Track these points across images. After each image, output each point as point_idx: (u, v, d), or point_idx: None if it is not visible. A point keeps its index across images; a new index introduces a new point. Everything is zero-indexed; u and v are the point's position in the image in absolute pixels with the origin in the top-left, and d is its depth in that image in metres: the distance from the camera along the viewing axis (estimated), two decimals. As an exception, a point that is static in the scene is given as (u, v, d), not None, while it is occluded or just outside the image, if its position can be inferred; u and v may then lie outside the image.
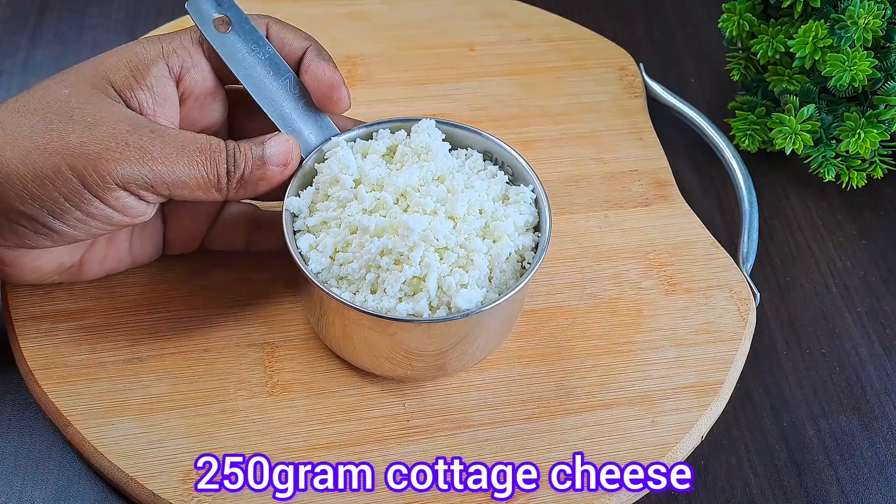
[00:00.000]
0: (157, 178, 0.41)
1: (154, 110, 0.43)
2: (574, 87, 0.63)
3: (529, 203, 0.47)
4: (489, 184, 0.47)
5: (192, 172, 0.42)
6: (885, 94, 0.55)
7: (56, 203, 0.40)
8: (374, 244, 0.43)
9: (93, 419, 0.45)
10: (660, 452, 0.47)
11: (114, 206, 0.41)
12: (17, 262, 0.43)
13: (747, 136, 0.60)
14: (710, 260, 0.55)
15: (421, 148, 0.47)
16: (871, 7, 0.53)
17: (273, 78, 0.46)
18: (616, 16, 0.72)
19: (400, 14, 0.67)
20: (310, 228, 0.45)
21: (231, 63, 0.45)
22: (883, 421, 0.51)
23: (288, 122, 0.46)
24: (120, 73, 0.43)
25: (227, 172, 0.43)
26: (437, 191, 0.45)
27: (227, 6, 0.45)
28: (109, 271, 0.48)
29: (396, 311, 0.43)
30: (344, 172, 0.45)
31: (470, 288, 0.43)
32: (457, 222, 0.45)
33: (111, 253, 0.47)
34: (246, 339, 0.49)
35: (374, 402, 0.48)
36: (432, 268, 0.43)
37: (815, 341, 0.54)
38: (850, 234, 0.59)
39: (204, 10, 0.44)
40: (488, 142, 0.49)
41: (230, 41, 0.45)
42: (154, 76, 0.43)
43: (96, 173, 0.40)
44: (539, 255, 0.45)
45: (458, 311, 0.43)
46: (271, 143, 0.44)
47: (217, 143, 0.43)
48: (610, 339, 0.51)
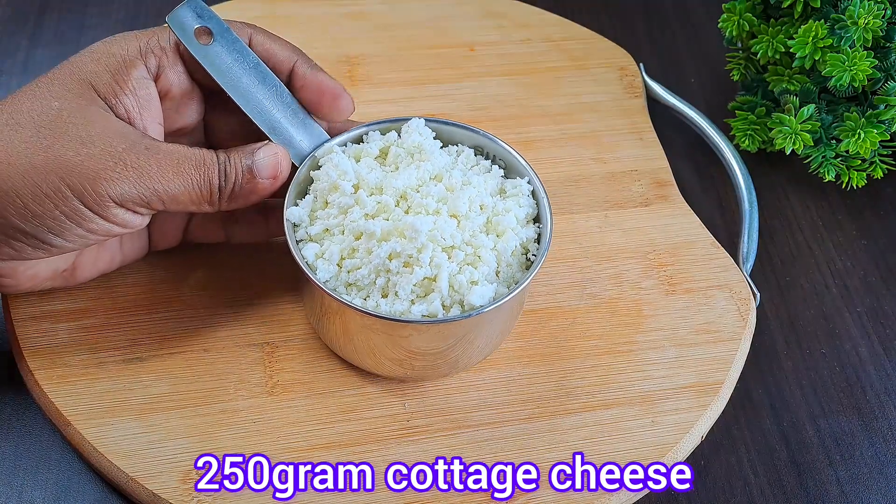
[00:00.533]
0: (153, 195, 0.42)
1: (140, 114, 0.44)
2: (574, 87, 0.63)
3: (527, 195, 0.47)
4: (485, 178, 0.47)
5: (187, 188, 0.42)
6: (885, 94, 0.55)
7: (56, 221, 0.41)
8: (381, 248, 0.43)
9: (93, 419, 0.45)
10: (660, 452, 0.47)
11: (113, 222, 0.42)
12: (13, 273, 0.44)
13: (747, 136, 0.60)
14: (710, 260, 0.55)
15: (413, 147, 0.47)
16: (871, 7, 0.53)
17: (260, 87, 0.45)
18: (616, 16, 0.72)
19: (400, 14, 0.67)
20: (312, 237, 0.45)
21: (216, 75, 0.45)
22: (883, 421, 0.51)
23: (278, 130, 0.46)
24: (102, 79, 0.43)
25: (220, 187, 0.43)
26: (436, 190, 0.45)
27: (207, 17, 0.44)
28: (102, 272, 0.48)
29: (411, 313, 0.43)
30: (343, 179, 0.45)
31: (481, 284, 0.43)
32: (460, 220, 0.45)
33: (103, 255, 0.48)
34: (246, 339, 0.49)
35: (374, 402, 0.48)
36: (442, 267, 0.43)
37: (815, 341, 0.54)
38: (850, 234, 0.59)
39: (185, 23, 0.44)
40: (478, 137, 0.49)
41: (214, 52, 0.44)
42: (135, 79, 0.43)
43: (95, 192, 0.40)
44: (545, 246, 0.45)
45: (472, 309, 0.43)
46: (259, 155, 0.44)
47: (210, 157, 0.43)
48: (610, 339, 0.51)
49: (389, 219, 0.44)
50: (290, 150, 0.46)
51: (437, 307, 0.43)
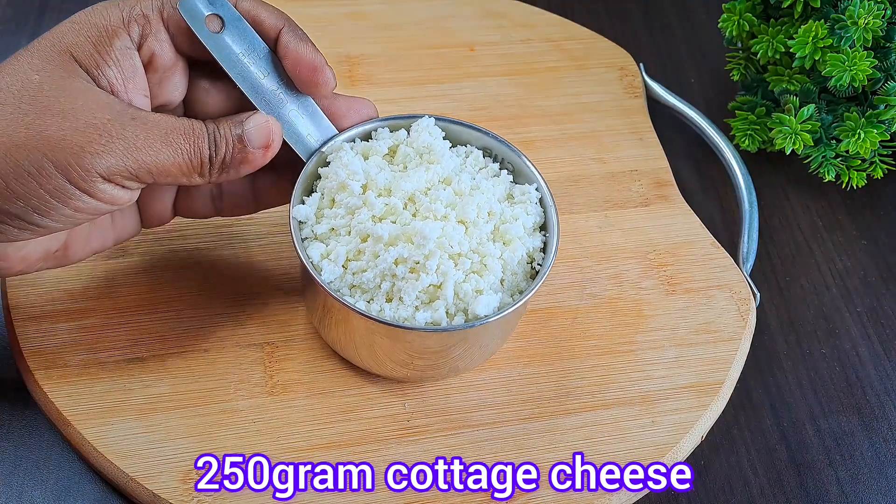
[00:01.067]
0: (141, 168, 0.40)
1: (124, 85, 0.42)
2: (574, 87, 0.63)
3: (535, 203, 0.47)
4: (494, 183, 0.47)
5: (176, 160, 0.41)
6: (885, 94, 0.55)
7: (42, 200, 0.39)
8: (388, 253, 0.42)
9: (93, 419, 0.45)
10: (660, 452, 0.47)
11: (100, 199, 0.40)
12: (3, 256, 0.42)
13: (747, 136, 0.60)
14: (710, 260, 0.55)
15: (423, 148, 0.47)
16: (871, 7, 0.53)
17: (269, 78, 0.45)
18: (616, 16, 0.72)
19: (400, 14, 0.67)
20: (318, 236, 0.45)
21: (225, 64, 0.44)
22: (883, 421, 0.51)
23: (286, 122, 0.45)
24: (84, 50, 0.41)
25: (210, 158, 0.42)
26: (445, 194, 0.45)
27: (219, 5, 0.44)
28: (95, 251, 0.46)
29: (415, 319, 0.42)
30: (352, 178, 0.44)
31: (486, 294, 0.43)
32: (468, 227, 0.44)
33: (95, 234, 0.46)
34: (246, 339, 0.49)
35: (374, 402, 0.48)
36: (449, 276, 0.42)
37: (815, 341, 0.54)
38: (850, 234, 0.59)
39: (196, 10, 0.43)
40: (487, 138, 0.48)
41: (224, 41, 0.44)
42: (118, 49, 0.42)
43: (80, 167, 0.39)
44: (550, 256, 0.45)
45: (476, 318, 0.42)
46: (250, 124, 0.43)
47: (199, 126, 0.42)
48: (610, 339, 0.51)
49: (397, 222, 0.44)
50: (298, 144, 0.45)
51: (442, 315, 0.43)
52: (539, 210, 0.47)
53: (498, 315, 0.43)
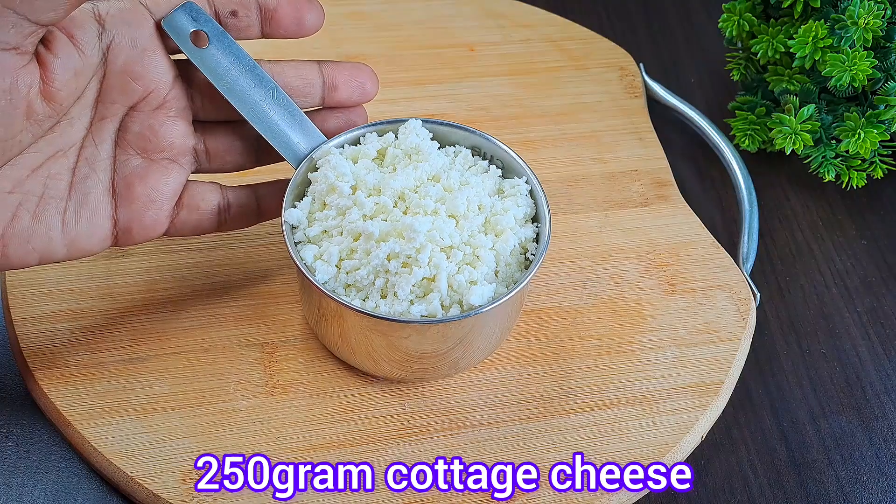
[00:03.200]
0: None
1: None
2: (574, 87, 0.63)
3: (525, 195, 0.47)
4: (483, 179, 0.47)
5: None
6: (885, 94, 0.55)
7: None
8: (380, 249, 0.43)
9: (93, 419, 0.45)
10: (660, 452, 0.47)
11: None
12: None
13: (747, 136, 0.60)
14: (710, 260, 0.55)
15: (411, 149, 0.47)
16: (871, 7, 0.53)
17: (256, 89, 0.45)
18: (616, 16, 0.72)
19: (400, 14, 0.67)
20: (310, 239, 0.45)
21: (212, 78, 0.44)
22: (883, 421, 0.51)
23: (275, 132, 0.46)
24: None
25: None
26: (434, 190, 0.45)
27: (203, 21, 0.44)
28: (40, 256, 0.41)
29: (410, 313, 0.43)
30: (340, 180, 0.45)
31: (480, 284, 0.43)
32: (458, 220, 0.45)
33: (38, 229, 0.41)
34: (246, 339, 0.49)
35: (374, 402, 0.48)
36: (441, 268, 0.43)
37: (815, 341, 0.54)
38: (850, 234, 0.59)
39: (181, 27, 0.43)
40: (475, 137, 0.49)
41: (210, 56, 0.44)
42: None
43: None
44: (543, 245, 0.45)
45: (471, 308, 0.43)
46: None
47: None
48: (610, 339, 0.51)
49: (388, 219, 0.44)
50: (287, 152, 0.46)
51: (437, 307, 0.43)
52: (530, 202, 0.47)
53: (493, 304, 0.43)
